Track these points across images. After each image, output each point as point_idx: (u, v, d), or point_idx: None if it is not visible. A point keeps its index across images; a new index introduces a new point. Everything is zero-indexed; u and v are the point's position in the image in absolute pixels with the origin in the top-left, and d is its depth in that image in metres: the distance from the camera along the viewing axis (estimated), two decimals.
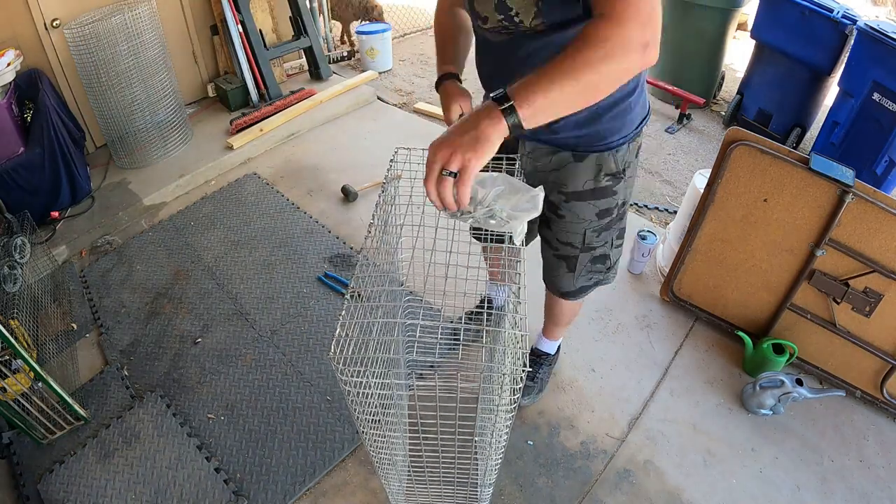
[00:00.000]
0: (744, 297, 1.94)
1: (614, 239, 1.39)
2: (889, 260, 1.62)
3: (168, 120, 2.93)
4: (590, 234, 1.33)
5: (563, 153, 1.22)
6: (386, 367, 1.01)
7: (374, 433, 1.00)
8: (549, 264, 1.47)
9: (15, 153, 2.46)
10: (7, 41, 2.51)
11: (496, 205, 0.97)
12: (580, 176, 1.23)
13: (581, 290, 1.49)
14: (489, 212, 0.96)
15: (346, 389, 0.85)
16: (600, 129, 1.15)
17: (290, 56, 3.72)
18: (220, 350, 2.01)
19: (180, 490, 1.61)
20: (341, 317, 0.85)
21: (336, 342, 0.82)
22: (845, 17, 2.56)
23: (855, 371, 1.82)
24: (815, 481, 1.63)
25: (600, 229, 1.33)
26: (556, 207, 1.31)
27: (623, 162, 1.22)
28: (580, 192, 1.25)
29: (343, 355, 0.82)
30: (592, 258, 1.40)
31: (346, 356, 0.82)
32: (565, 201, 1.28)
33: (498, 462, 1.08)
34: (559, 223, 1.33)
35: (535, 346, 1.85)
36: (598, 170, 1.21)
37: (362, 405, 0.90)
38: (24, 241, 2.28)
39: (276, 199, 2.72)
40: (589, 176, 1.22)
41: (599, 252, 1.39)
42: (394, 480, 1.25)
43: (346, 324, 0.84)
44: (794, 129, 2.99)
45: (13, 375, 1.56)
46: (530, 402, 1.81)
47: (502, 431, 0.97)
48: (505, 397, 0.88)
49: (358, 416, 0.92)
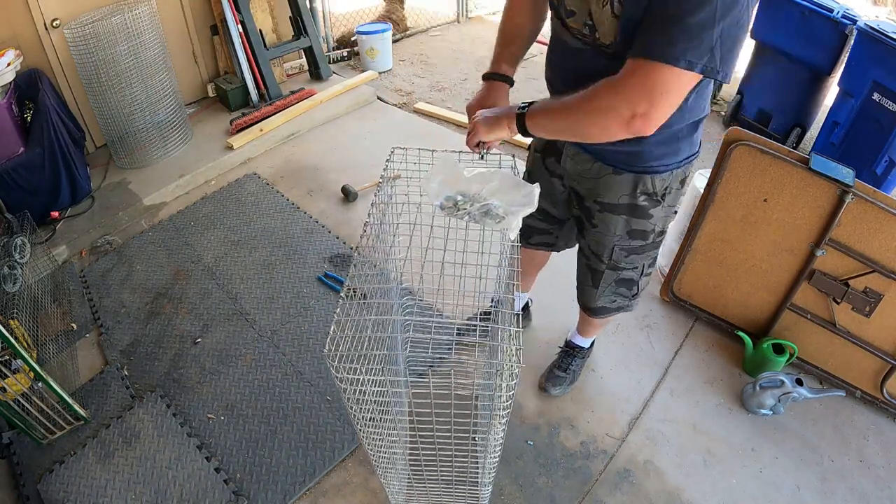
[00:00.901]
0: (744, 297, 1.94)
1: (645, 266, 1.39)
2: (889, 260, 1.62)
3: (168, 120, 2.93)
4: (618, 252, 1.33)
5: (604, 164, 1.22)
6: (381, 364, 1.01)
7: (372, 431, 1.00)
8: (580, 273, 1.50)
9: (15, 153, 2.46)
10: (7, 41, 2.51)
11: (492, 200, 0.97)
12: (617, 189, 1.23)
13: (602, 310, 1.50)
14: (485, 207, 0.96)
15: (342, 387, 0.85)
16: (643, 151, 1.15)
17: (290, 56, 3.72)
18: (220, 350, 2.01)
19: (180, 490, 1.61)
20: (336, 314, 0.85)
21: (331, 339, 0.82)
22: (845, 17, 2.56)
23: (855, 371, 1.82)
24: (815, 481, 1.63)
25: (630, 250, 1.33)
26: (590, 215, 1.31)
27: (663, 187, 1.21)
28: (614, 205, 1.25)
29: (338, 352, 0.82)
30: (618, 279, 1.40)
31: (340, 353, 0.82)
32: (599, 211, 1.28)
33: (495, 461, 1.08)
34: (591, 232, 1.34)
35: (570, 339, 1.87)
36: (635, 187, 1.21)
37: (358, 403, 0.90)
38: (24, 241, 2.28)
39: (276, 199, 2.72)
40: (626, 191, 1.22)
41: (627, 275, 1.39)
42: (393, 480, 1.25)
43: (340, 321, 0.84)
44: (794, 129, 2.99)
45: (13, 375, 1.56)
46: (561, 392, 1.83)
47: (499, 429, 0.97)
48: (501, 394, 0.88)
49: (354, 414, 0.92)
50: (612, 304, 1.48)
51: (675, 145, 1.15)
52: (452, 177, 1.03)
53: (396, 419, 1.12)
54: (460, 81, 3.82)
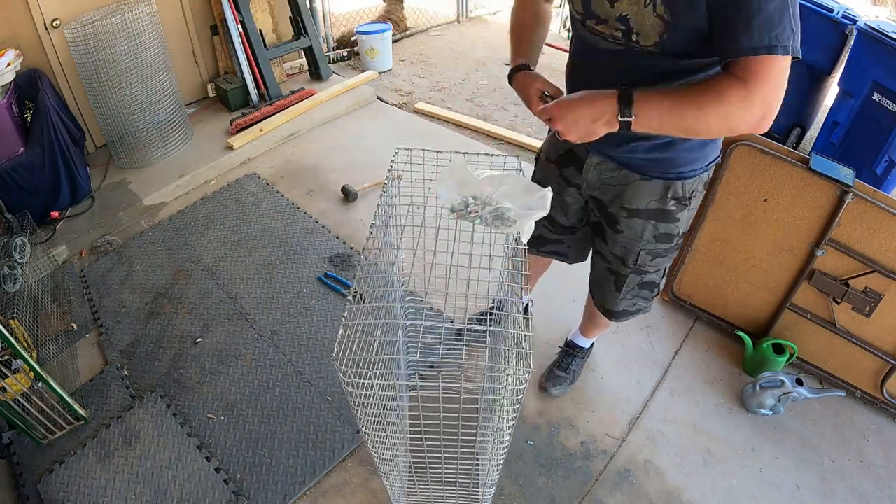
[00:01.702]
0: (744, 297, 1.94)
1: (667, 268, 1.39)
2: (889, 260, 1.62)
3: (168, 120, 2.93)
4: (643, 256, 1.32)
5: (630, 172, 1.21)
6: (388, 368, 1.01)
7: (377, 434, 1.00)
8: (599, 276, 1.47)
9: (15, 153, 2.46)
10: (7, 41, 2.51)
11: (505, 203, 0.96)
12: (646, 195, 1.22)
13: (624, 314, 1.49)
14: (497, 210, 0.96)
15: (349, 391, 0.85)
16: (673, 156, 1.15)
17: (290, 56, 3.72)
18: (220, 350, 2.01)
19: (180, 490, 1.61)
20: (343, 318, 0.85)
21: (339, 343, 0.81)
22: (845, 17, 2.56)
23: (855, 371, 1.82)
24: (815, 481, 1.63)
25: (655, 254, 1.32)
26: (615, 221, 1.30)
27: (690, 190, 1.22)
28: (643, 211, 1.24)
29: (346, 356, 0.81)
30: (641, 283, 1.40)
31: (348, 357, 0.82)
32: (626, 217, 1.27)
33: (500, 462, 1.08)
34: (616, 238, 1.32)
35: (571, 339, 1.87)
36: (666, 192, 1.21)
37: (364, 406, 0.90)
38: (24, 241, 2.27)
39: (276, 199, 2.72)
40: (655, 196, 1.22)
41: (649, 279, 1.39)
42: (395, 481, 1.25)
43: (348, 325, 0.84)
44: (794, 129, 2.99)
45: (13, 375, 1.56)
46: (561, 392, 1.83)
47: (505, 431, 0.97)
48: (508, 398, 0.88)
49: (360, 416, 0.92)
50: (633, 308, 1.47)
51: (703, 150, 1.16)
52: (463, 179, 1.01)
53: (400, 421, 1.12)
54: (460, 81, 3.82)
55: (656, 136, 1.10)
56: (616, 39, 1.03)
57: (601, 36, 1.05)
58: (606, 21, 1.02)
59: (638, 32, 0.98)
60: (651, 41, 0.97)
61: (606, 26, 1.03)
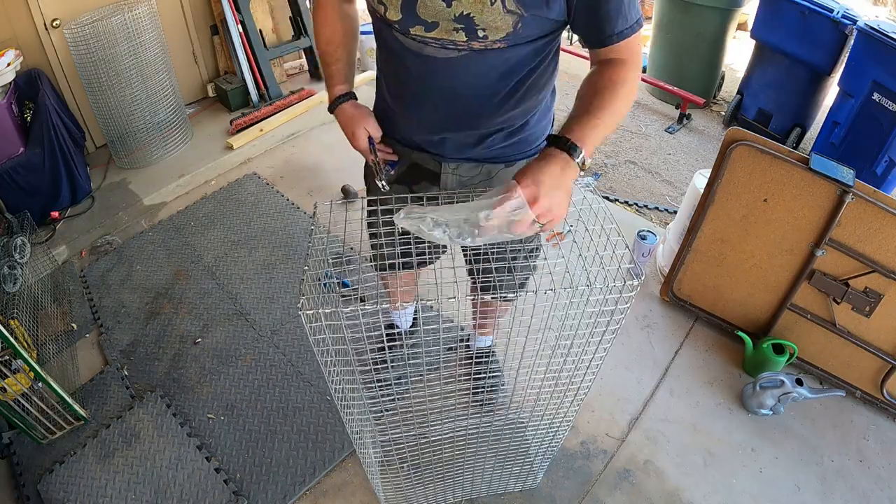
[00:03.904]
0: (744, 297, 1.94)
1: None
2: (889, 260, 1.62)
3: (168, 120, 2.93)
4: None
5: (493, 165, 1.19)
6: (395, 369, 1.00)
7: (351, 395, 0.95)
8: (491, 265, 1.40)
9: (15, 153, 2.46)
10: (7, 41, 2.51)
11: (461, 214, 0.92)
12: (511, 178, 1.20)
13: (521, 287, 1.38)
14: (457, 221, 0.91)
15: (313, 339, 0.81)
16: (529, 134, 1.16)
17: (290, 56, 3.71)
18: (220, 350, 2.01)
19: (180, 490, 1.61)
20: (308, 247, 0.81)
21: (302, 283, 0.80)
22: (845, 17, 2.56)
23: (855, 371, 1.82)
24: (815, 481, 1.63)
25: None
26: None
27: None
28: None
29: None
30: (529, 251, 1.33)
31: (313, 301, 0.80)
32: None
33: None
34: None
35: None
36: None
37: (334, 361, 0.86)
38: (24, 241, 2.28)
39: (276, 199, 2.72)
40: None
41: (535, 244, 1.31)
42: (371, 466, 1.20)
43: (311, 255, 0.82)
44: (794, 129, 2.99)
45: (13, 375, 1.56)
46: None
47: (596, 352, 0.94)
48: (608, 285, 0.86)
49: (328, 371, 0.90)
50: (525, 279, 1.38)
51: (549, 113, 1.19)
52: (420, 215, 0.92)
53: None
54: None
55: (510, 126, 1.12)
56: (455, 43, 0.96)
57: (433, 44, 0.98)
58: (437, 24, 0.95)
59: (485, 29, 0.93)
60: (501, 34, 0.95)
61: (439, 30, 0.95)
